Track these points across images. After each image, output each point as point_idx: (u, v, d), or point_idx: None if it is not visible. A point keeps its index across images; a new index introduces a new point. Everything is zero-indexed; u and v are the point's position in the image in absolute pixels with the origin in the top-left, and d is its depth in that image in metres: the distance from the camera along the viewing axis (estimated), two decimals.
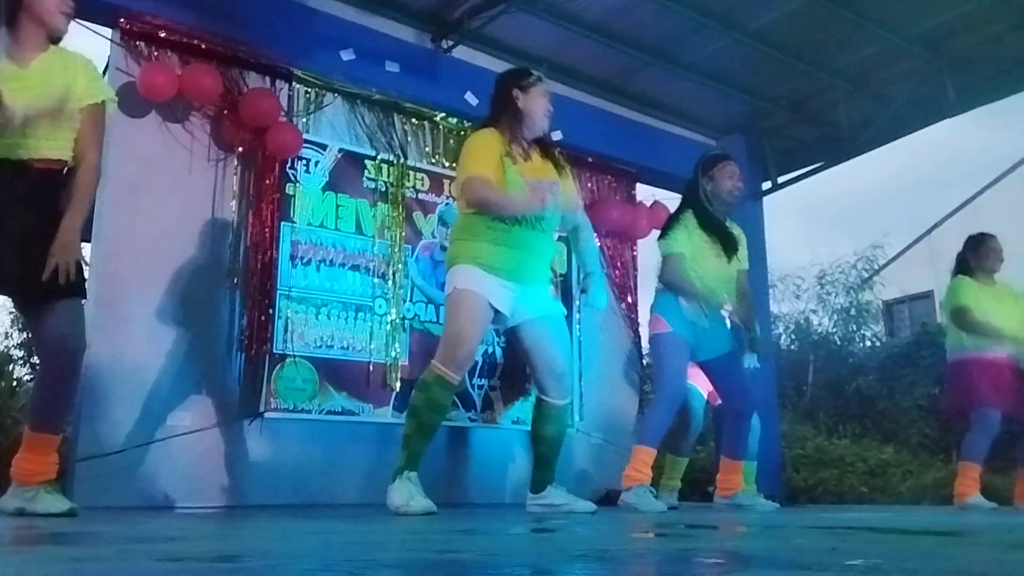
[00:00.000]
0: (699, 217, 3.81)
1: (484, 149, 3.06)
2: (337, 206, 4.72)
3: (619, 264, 5.87)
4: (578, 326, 5.61)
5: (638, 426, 3.79)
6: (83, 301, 2.65)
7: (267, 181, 4.46)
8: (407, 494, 2.81)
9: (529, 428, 3.33)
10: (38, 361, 2.67)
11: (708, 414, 4.61)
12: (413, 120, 5.08)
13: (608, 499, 4.75)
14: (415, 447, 2.92)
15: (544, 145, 3.24)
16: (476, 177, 3.00)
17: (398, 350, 4.73)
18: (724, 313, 3.89)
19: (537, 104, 3.15)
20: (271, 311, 4.36)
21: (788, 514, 3.77)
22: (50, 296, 2.51)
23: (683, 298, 3.76)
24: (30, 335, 3.91)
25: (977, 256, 4.52)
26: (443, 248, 4.67)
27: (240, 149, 4.43)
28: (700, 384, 4.50)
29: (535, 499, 3.20)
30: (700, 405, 4.51)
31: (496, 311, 3.03)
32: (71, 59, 2.69)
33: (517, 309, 3.06)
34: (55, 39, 2.69)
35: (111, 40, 4.21)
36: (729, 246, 3.82)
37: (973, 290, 4.43)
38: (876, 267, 10.77)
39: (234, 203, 4.40)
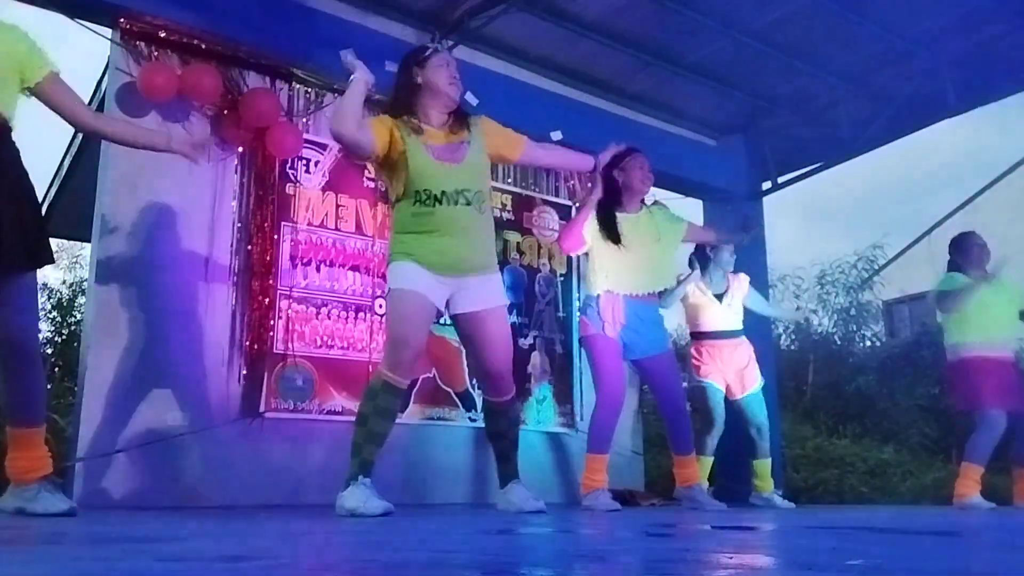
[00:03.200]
0: (601, 212, 3.87)
1: (374, 121, 2.97)
2: (337, 206, 4.72)
3: None
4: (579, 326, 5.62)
5: (588, 433, 3.83)
6: (23, 276, 2.56)
7: (267, 181, 4.46)
8: (362, 496, 2.73)
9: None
10: None
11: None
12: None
13: None
14: (366, 455, 2.84)
15: (460, 116, 3.11)
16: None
17: None
18: (660, 313, 3.98)
19: (438, 75, 3.01)
20: (271, 311, 4.36)
21: (788, 514, 3.78)
22: (8, 266, 2.46)
23: (602, 299, 3.79)
24: None
25: (962, 253, 4.58)
26: None
27: (240, 149, 4.44)
28: (718, 380, 4.49)
29: (501, 495, 3.19)
30: (720, 401, 4.50)
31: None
32: (8, 30, 2.64)
33: (460, 301, 2.99)
34: None
35: (111, 40, 4.21)
36: (639, 233, 3.86)
37: (959, 281, 4.47)
38: (876, 267, 10.75)
39: (234, 203, 4.40)
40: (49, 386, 4.74)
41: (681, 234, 4.06)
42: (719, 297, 4.63)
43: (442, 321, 3.15)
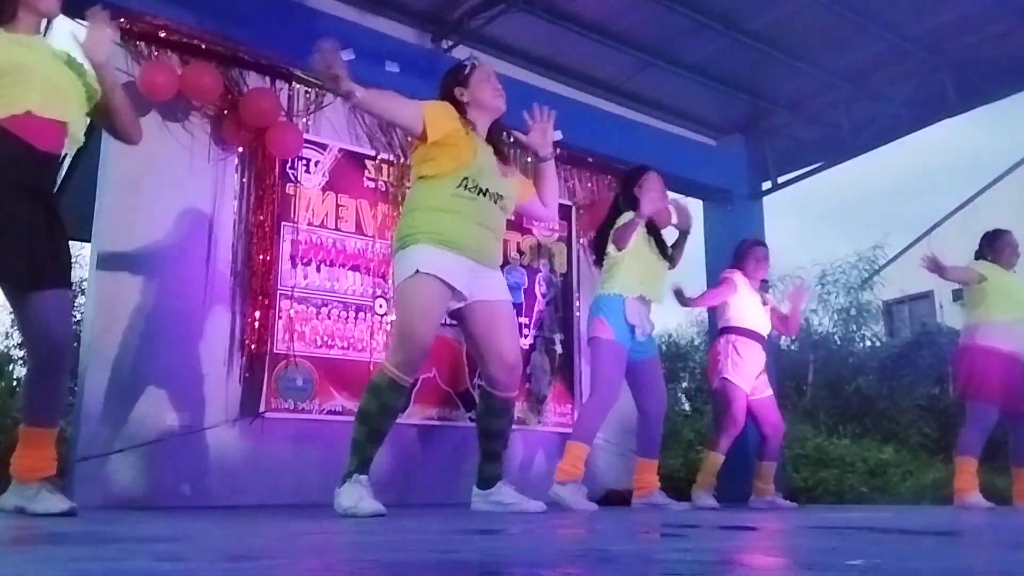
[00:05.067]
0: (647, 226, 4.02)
1: (438, 106, 2.96)
2: (337, 206, 4.72)
3: None
4: (579, 326, 5.61)
5: (575, 423, 3.89)
6: (69, 292, 2.70)
7: (267, 181, 4.46)
8: (356, 496, 2.70)
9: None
10: (26, 354, 2.68)
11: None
12: None
13: (608, 499, 4.75)
14: (366, 452, 2.79)
15: (496, 140, 3.11)
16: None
17: None
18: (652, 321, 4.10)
19: (482, 90, 3.02)
20: (271, 311, 4.36)
21: (788, 514, 3.78)
22: (39, 284, 2.53)
23: (628, 304, 3.91)
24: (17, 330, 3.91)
25: (993, 250, 4.55)
26: None
27: (240, 149, 4.44)
28: (745, 382, 4.47)
29: (484, 496, 3.08)
30: (743, 403, 4.47)
31: (453, 291, 2.85)
32: (69, 54, 2.76)
33: (474, 289, 2.91)
34: (49, 20, 2.79)
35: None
36: (662, 246, 4.11)
37: (992, 268, 4.48)
38: (876, 267, 10.75)
39: (234, 203, 4.40)
40: None
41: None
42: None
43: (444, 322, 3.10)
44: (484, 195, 2.90)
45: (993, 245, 4.57)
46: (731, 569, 1.23)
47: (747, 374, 4.46)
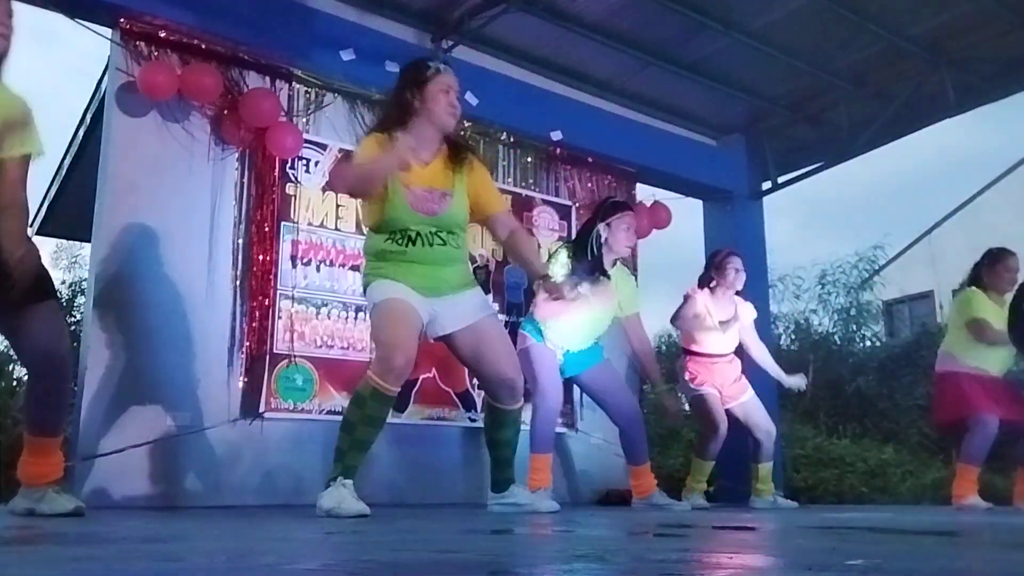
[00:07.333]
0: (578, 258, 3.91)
1: (367, 152, 2.88)
2: (337, 206, 4.72)
3: None
4: None
5: (531, 436, 3.89)
6: (56, 303, 2.68)
7: (267, 181, 4.46)
8: (339, 497, 2.70)
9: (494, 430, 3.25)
10: (25, 369, 2.66)
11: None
12: None
13: (608, 499, 4.75)
14: (350, 461, 2.80)
15: (455, 145, 3.04)
16: (349, 166, 2.86)
17: None
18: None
19: (436, 101, 2.91)
20: (271, 311, 4.36)
21: (788, 514, 3.78)
22: (23, 303, 2.51)
23: (551, 330, 3.88)
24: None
25: (991, 274, 4.49)
26: None
27: (240, 149, 4.44)
28: (713, 388, 4.48)
29: (498, 498, 3.17)
30: (719, 406, 4.48)
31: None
32: (11, 100, 2.56)
33: (443, 321, 2.94)
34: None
35: (111, 40, 4.21)
36: (596, 293, 3.83)
37: (986, 304, 4.42)
38: (876, 267, 10.74)
39: (234, 203, 4.40)
40: None
41: (627, 312, 4.10)
42: (724, 323, 4.55)
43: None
44: (415, 242, 2.88)
45: (994, 268, 4.48)
46: (730, 569, 1.23)
47: (711, 384, 4.48)
